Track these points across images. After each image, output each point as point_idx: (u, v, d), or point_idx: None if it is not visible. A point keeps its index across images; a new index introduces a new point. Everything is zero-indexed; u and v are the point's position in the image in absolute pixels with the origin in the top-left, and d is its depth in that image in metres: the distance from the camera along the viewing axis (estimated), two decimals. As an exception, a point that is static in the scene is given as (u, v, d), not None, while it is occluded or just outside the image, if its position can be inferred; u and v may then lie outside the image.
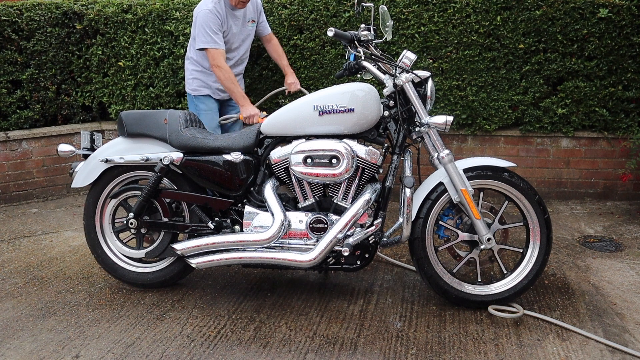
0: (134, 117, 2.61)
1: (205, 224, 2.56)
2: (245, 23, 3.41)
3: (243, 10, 3.35)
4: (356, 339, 2.25)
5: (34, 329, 2.39)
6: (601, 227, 3.51)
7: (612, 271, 2.84)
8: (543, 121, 3.90)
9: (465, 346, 2.17)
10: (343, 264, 2.45)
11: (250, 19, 3.44)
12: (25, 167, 4.39)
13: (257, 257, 2.41)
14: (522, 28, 3.68)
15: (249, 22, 3.43)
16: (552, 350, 2.13)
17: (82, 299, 2.67)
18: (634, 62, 3.66)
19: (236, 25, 3.34)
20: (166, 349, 2.21)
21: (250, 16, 3.43)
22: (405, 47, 3.90)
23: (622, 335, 2.23)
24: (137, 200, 2.61)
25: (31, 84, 4.42)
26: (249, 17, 3.43)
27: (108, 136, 4.72)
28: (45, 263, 3.15)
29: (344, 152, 2.31)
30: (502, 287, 2.45)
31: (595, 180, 4.03)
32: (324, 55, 4.05)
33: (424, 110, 2.31)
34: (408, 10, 3.83)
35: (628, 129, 3.81)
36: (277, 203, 2.41)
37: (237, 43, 3.42)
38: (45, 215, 4.08)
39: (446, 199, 2.39)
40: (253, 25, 3.49)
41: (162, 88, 4.47)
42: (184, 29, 4.27)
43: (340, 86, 2.37)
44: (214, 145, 2.52)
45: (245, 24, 3.41)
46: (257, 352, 2.17)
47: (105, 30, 4.44)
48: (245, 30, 3.44)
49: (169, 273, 2.70)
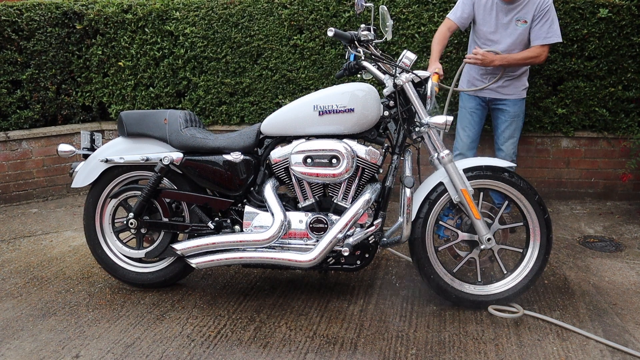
0: (134, 117, 2.61)
1: (205, 224, 2.56)
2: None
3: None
4: (356, 339, 2.25)
5: (34, 329, 2.39)
6: (601, 227, 3.51)
7: (612, 271, 2.84)
8: (543, 121, 3.90)
9: (465, 346, 2.17)
10: (343, 264, 2.45)
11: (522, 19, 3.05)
12: (25, 167, 4.39)
13: (257, 257, 2.41)
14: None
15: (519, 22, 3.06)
16: (552, 350, 2.13)
17: (82, 299, 2.67)
18: (634, 62, 3.66)
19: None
20: (166, 349, 2.21)
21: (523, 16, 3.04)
22: (405, 47, 3.90)
23: (622, 335, 2.23)
24: (137, 200, 2.61)
25: (31, 84, 4.42)
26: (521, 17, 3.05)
27: (108, 136, 4.72)
28: (45, 263, 3.15)
29: (344, 152, 2.31)
30: (502, 287, 2.45)
31: (595, 180, 4.03)
32: (324, 55, 4.05)
33: (424, 110, 2.31)
34: (408, 10, 3.83)
35: (628, 129, 3.81)
36: (277, 203, 2.41)
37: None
38: (45, 215, 4.08)
39: (446, 199, 2.39)
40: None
41: (162, 88, 4.47)
42: (184, 29, 4.28)
43: (340, 86, 2.37)
44: (214, 145, 2.52)
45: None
46: (257, 352, 2.17)
47: (105, 30, 4.45)
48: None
49: (169, 273, 2.70)
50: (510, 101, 3.20)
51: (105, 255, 2.74)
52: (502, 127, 3.27)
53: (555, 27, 3.00)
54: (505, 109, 3.23)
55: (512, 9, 3.02)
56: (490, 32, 3.10)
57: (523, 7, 3.00)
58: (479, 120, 3.34)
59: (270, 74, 4.23)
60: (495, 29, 3.09)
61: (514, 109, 3.22)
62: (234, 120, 4.45)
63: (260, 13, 4.11)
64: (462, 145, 3.34)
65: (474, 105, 3.31)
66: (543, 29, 2.98)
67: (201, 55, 4.32)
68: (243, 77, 4.30)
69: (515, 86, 3.18)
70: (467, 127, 3.33)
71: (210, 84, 4.37)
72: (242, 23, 4.17)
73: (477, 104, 3.31)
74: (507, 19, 3.04)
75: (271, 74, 4.23)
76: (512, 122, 3.24)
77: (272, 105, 4.30)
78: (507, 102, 3.21)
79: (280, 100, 4.26)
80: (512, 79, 3.16)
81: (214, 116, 4.48)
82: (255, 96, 4.33)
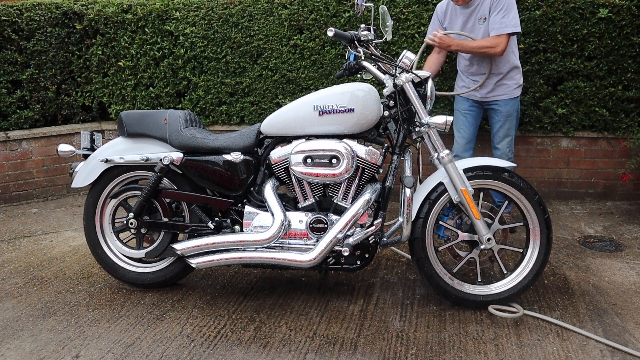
0: (134, 117, 2.61)
1: (205, 224, 2.56)
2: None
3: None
4: (356, 339, 2.25)
5: (34, 329, 2.39)
6: (601, 227, 3.51)
7: (612, 271, 2.84)
8: (543, 121, 3.90)
9: (465, 346, 2.17)
10: (343, 264, 2.45)
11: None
12: (25, 167, 4.39)
13: (257, 257, 2.41)
14: (522, 28, 3.67)
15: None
16: (552, 350, 2.13)
17: (82, 299, 2.67)
18: (634, 62, 3.66)
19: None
20: (166, 349, 2.21)
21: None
22: (405, 47, 3.90)
23: (622, 335, 2.22)
24: (137, 200, 2.60)
25: (31, 84, 4.42)
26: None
27: (108, 136, 4.72)
28: (45, 263, 3.15)
29: (344, 152, 2.31)
30: (502, 287, 2.45)
31: (595, 180, 4.03)
32: (324, 55, 4.05)
33: (424, 110, 2.31)
34: (408, 10, 3.83)
35: (628, 129, 3.81)
36: (277, 203, 2.41)
37: None
38: (45, 215, 4.08)
39: (446, 199, 2.39)
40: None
41: (162, 88, 4.47)
42: (184, 29, 4.28)
43: (340, 86, 2.37)
44: (214, 145, 2.52)
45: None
46: (257, 352, 2.17)
47: (105, 30, 4.45)
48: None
49: (169, 273, 2.70)
50: (502, 101, 3.23)
51: (105, 255, 2.74)
52: (497, 127, 3.31)
53: (511, 18, 3.00)
54: (498, 108, 3.26)
55: (471, 12, 3.11)
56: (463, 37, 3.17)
57: (480, 5, 3.08)
58: (474, 121, 3.38)
59: (270, 74, 4.23)
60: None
61: (506, 108, 3.24)
62: (234, 120, 4.45)
63: (260, 13, 4.11)
64: (458, 146, 3.40)
65: (467, 107, 3.36)
66: (496, 19, 3.02)
67: (201, 55, 4.32)
68: (243, 77, 4.31)
69: (507, 86, 3.20)
70: (461, 128, 3.38)
71: (210, 84, 4.37)
72: (242, 23, 4.17)
73: (471, 105, 3.35)
74: (471, 21, 3.14)
75: (271, 74, 4.23)
76: (506, 121, 3.27)
77: (272, 105, 4.30)
78: (499, 102, 3.24)
79: (280, 100, 4.26)
80: (502, 78, 3.18)
81: (214, 116, 4.48)
82: (255, 96, 4.33)
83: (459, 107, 3.41)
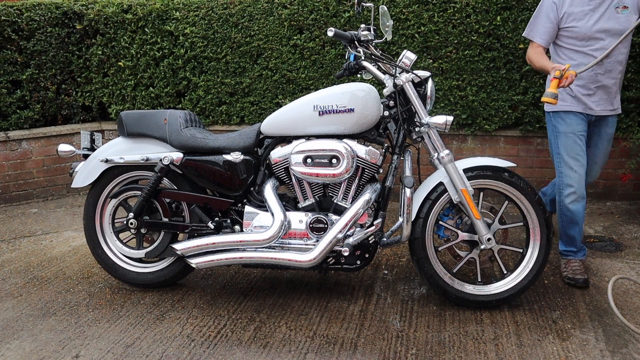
0: (134, 117, 2.61)
1: (205, 224, 2.56)
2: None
3: None
4: (356, 339, 2.25)
5: (34, 329, 2.39)
6: (601, 227, 3.51)
7: (612, 271, 2.84)
8: (543, 121, 3.89)
9: (465, 346, 2.17)
10: (343, 264, 2.45)
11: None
12: (25, 167, 4.39)
13: (257, 257, 2.41)
14: (522, 28, 3.66)
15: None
16: (552, 350, 2.13)
17: (82, 299, 2.67)
18: (634, 62, 3.66)
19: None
20: (166, 349, 2.21)
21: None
22: (405, 47, 3.90)
23: (622, 335, 2.22)
24: (137, 200, 2.61)
25: (31, 84, 4.43)
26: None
27: (108, 136, 4.73)
28: (45, 263, 3.15)
29: (344, 152, 2.31)
30: (502, 287, 2.45)
31: (595, 180, 4.03)
32: (324, 55, 4.05)
33: (424, 110, 2.31)
34: (408, 10, 3.83)
35: (628, 129, 3.81)
36: (277, 203, 2.41)
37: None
38: (45, 215, 4.08)
39: (446, 199, 2.39)
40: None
41: (162, 88, 4.48)
42: (184, 29, 4.28)
43: (340, 86, 2.37)
44: (214, 145, 2.52)
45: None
46: (257, 352, 2.17)
47: (105, 30, 4.45)
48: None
49: (169, 273, 2.70)
50: (616, 117, 2.69)
51: (105, 255, 2.74)
52: (601, 150, 2.75)
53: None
54: (609, 129, 2.71)
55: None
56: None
57: None
58: (586, 143, 2.69)
59: (270, 74, 4.23)
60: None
61: (614, 127, 2.73)
62: (234, 120, 4.45)
63: (260, 13, 4.11)
64: (579, 179, 2.61)
65: (583, 128, 2.63)
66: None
67: (201, 55, 4.32)
68: (243, 77, 4.31)
69: (618, 94, 2.69)
70: (579, 155, 2.62)
71: (210, 84, 4.37)
72: (242, 23, 4.17)
73: (586, 125, 2.65)
74: (601, 9, 2.53)
75: (271, 74, 4.23)
76: (610, 143, 2.78)
77: (272, 105, 4.30)
78: (613, 118, 2.69)
79: (280, 100, 4.26)
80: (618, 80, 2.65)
81: (214, 116, 4.48)
82: (255, 96, 4.33)
83: (574, 130, 2.62)
